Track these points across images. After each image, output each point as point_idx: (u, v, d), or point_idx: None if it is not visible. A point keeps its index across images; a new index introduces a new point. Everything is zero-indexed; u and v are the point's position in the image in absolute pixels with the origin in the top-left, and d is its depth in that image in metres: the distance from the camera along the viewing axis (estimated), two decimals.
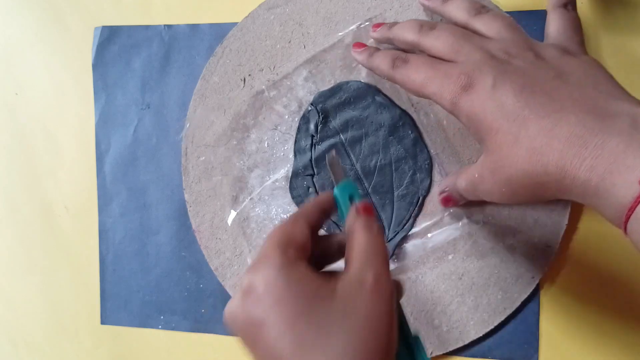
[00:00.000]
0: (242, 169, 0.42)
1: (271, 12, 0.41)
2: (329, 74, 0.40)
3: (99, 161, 0.46)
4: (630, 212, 0.24)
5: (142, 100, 0.45)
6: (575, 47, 0.32)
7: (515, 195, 0.30)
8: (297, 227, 0.28)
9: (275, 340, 0.25)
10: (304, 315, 0.25)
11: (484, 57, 0.30)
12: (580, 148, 0.25)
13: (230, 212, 0.42)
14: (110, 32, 0.46)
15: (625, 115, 0.26)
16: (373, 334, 0.25)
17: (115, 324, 0.46)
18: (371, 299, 0.26)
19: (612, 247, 0.37)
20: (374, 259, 0.27)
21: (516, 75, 0.29)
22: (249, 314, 0.26)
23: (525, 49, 0.30)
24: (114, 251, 0.46)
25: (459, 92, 0.29)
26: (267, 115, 0.41)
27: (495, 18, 0.32)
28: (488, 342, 0.39)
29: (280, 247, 0.27)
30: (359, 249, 0.27)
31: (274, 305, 0.25)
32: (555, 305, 0.38)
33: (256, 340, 0.26)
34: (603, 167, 0.25)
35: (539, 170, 0.27)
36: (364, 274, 0.26)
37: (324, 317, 0.25)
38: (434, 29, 0.32)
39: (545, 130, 0.27)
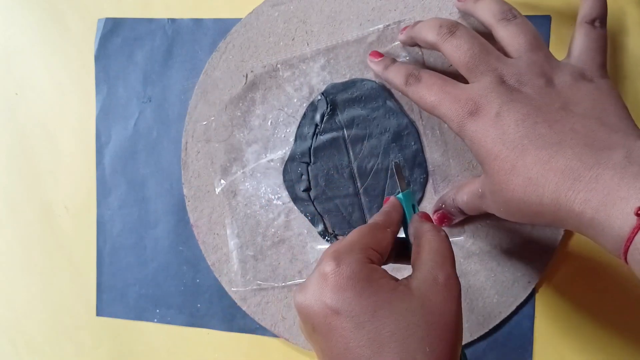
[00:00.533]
0: (241, 141, 0.42)
1: (275, 9, 0.41)
2: (345, 67, 0.40)
3: (98, 153, 0.46)
4: (629, 243, 0.24)
5: (144, 94, 0.45)
6: (594, 70, 0.32)
7: (513, 217, 0.30)
8: (386, 236, 0.30)
9: (352, 332, 0.26)
10: (384, 308, 0.26)
11: (493, 82, 0.30)
12: (575, 181, 0.26)
13: (220, 181, 0.42)
14: (114, 24, 0.46)
15: (621, 147, 0.26)
16: (446, 330, 0.26)
17: (111, 316, 0.46)
18: (444, 297, 0.27)
19: (608, 254, 0.37)
20: (444, 259, 0.29)
21: (521, 104, 0.29)
22: (326, 302, 0.27)
23: (538, 75, 0.30)
24: (111, 243, 0.46)
25: (466, 117, 0.30)
26: (276, 94, 0.41)
27: (519, 30, 0.32)
28: (483, 345, 0.39)
29: (366, 247, 0.28)
30: (430, 250, 0.29)
31: (356, 297, 0.26)
32: (551, 310, 0.39)
33: (331, 329, 0.26)
34: (597, 200, 0.25)
35: (534, 200, 0.27)
36: (436, 274, 0.28)
37: (403, 312, 0.26)
38: (454, 35, 0.32)
39: (542, 161, 0.27)
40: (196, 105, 0.43)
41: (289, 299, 0.41)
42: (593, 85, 0.30)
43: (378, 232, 0.30)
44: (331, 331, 0.26)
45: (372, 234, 0.30)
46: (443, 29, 0.33)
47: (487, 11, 0.34)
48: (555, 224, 0.28)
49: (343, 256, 0.28)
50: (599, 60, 0.32)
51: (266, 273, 0.41)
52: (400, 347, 0.25)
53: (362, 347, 0.26)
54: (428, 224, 0.31)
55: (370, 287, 0.27)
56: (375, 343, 0.26)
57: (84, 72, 0.46)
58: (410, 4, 0.39)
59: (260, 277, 0.42)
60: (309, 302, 0.27)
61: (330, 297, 0.27)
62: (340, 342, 0.26)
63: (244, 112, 0.42)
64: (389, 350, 0.25)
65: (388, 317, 0.26)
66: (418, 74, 0.33)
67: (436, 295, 0.27)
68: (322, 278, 0.27)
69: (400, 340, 0.26)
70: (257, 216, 0.42)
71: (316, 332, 0.27)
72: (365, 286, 0.27)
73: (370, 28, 0.40)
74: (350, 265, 0.27)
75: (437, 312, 0.27)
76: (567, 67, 0.31)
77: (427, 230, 0.30)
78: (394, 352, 0.25)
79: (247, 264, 0.42)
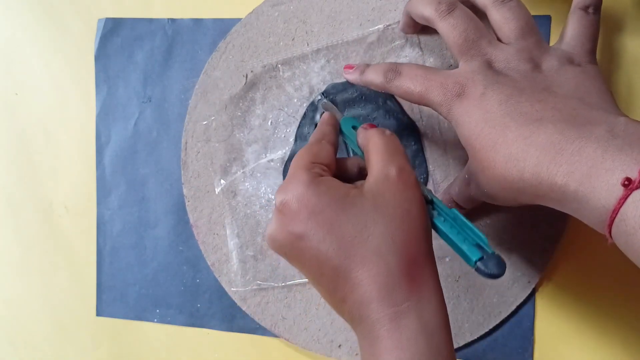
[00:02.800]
0: (241, 141, 0.42)
1: (275, 9, 0.41)
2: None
3: (98, 153, 0.46)
4: (615, 215, 0.24)
5: (144, 94, 0.45)
6: (583, 55, 0.32)
7: (496, 198, 0.31)
8: (322, 147, 0.31)
9: (318, 248, 0.27)
10: (339, 217, 0.27)
11: (481, 66, 0.31)
12: (557, 154, 0.26)
13: (220, 181, 0.42)
14: (114, 24, 0.46)
15: (604, 123, 0.26)
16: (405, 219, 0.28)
17: (111, 316, 0.46)
18: (398, 188, 0.28)
19: (609, 253, 0.37)
20: (394, 154, 0.30)
21: (506, 86, 0.29)
22: (288, 230, 0.28)
23: (526, 61, 0.31)
24: (111, 243, 0.46)
25: (454, 99, 0.30)
26: (276, 94, 0.41)
27: (512, 15, 0.32)
28: (483, 345, 0.39)
29: (306, 166, 0.30)
30: (378, 150, 0.30)
31: (309, 216, 0.28)
32: (551, 310, 0.39)
33: (300, 253, 0.28)
34: (581, 172, 0.25)
35: (515, 176, 0.27)
36: (387, 169, 0.29)
37: (358, 214, 0.27)
38: (452, 13, 0.32)
39: (522, 137, 0.27)
40: (196, 105, 0.43)
41: (289, 299, 0.41)
42: (579, 69, 0.31)
43: (313, 147, 0.31)
44: (302, 254, 0.28)
45: (307, 151, 0.31)
46: (442, 6, 0.33)
47: None
48: (538, 200, 0.28)
49: (288, 185, 0.29)
50: (589, 46, 0.32)
51: (266, 273, 0.41)
52: (364, 247, 0.27)
53: (331, 259, 0.27)
54: (372, 130, 0.32)
55: (322, 200, 0.28)
56: (342, 251, 0.27)
57: (84, 72, 0.46)
58: None
59: (260, 277, 0.42)
60: (275, 235, 0.29)
61: (289, 224, 0.28)
62: (312, 261, 0.28)
63: (244, 112, 0.42)
64: (354, 252, 0.27)
65: (346, 224, 0.27)
66: (397, 68, 0.34)
67: (389, 189, 0.28)
68: (277, 212, 0.29)
69: (362, 241, 0.27)
70: (257, 216, 0.42)
71: (292, 260, 0.29)
72: (316, 202, 0.28)
73: (370, 28, 0.40)
74: (297, 189, 0.28)
75: (392, 205, 0.28)
76: (556, 52, 0.32)
77: (372, 134, 0.31)
78: (360, 253, 0.27)
79: (247, 264, 0.42)
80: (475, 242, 0.28)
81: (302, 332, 0.41)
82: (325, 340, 0.41)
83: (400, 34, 0.39)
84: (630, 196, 0.23)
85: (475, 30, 0.32)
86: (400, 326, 0.26)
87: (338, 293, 0.28)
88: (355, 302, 0.27)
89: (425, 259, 0.28)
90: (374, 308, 0.26)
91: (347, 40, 0.40)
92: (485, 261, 0.28)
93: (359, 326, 0.27)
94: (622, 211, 0.23)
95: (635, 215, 0.23)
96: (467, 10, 0.33)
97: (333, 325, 0.40)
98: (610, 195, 0.24)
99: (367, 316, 0.27)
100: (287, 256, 0.29)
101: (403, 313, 0.26)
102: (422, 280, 0.27)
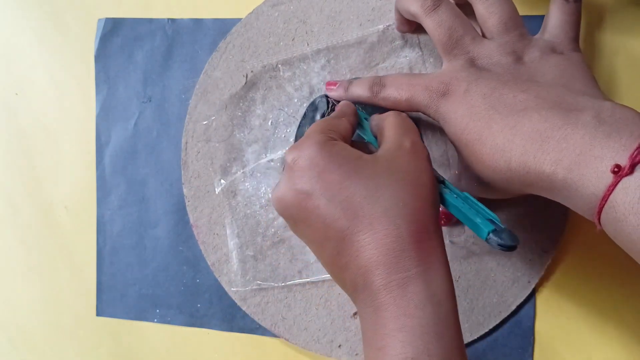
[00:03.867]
0: (241, 141, 0.42)
1: (275, 9, 0.41)
2: (345, 67, 0.40)
3: (98, 153, 0.46)
4: (604, 202, 0.24)
5: (144, 94, 0.45)
6: (566, 44, 0.32)
7: (486, 190, 0.31)
8: (341, 122, 0.32)
9: (326, 207, 0.27)
10: (350, 177, 0.27)
11: (464, 65, 0.31)
12: (543, 142, 0.26)
13: (220, 181, 0.42)
14: (114, 24, 0.46)
15: (590, 109, 0.26)
16: (416, 185, 0.27)
17: (111, 316, 0.46)
18: (410, 158, 0.28)
19: (609, 253, 0.37)
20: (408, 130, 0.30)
21: (489, 80, 0.30)
22: (297, 189, 0.28)
23: (508, 54, 0.31)
24: (111, 244, 0.46)
25: (439, 99, 0.31)
26: (276, 94, 0.41)
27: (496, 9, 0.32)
28: (483, 345, 0.39)
29: (322, 130, 0.29)
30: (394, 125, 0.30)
31: (320, 174, 0.27)
32: (551, 310, 0.39)
33: (307, 214, 0.27)
34: (569, 160, 0.25)
35: (502, 167, 0.28)
36: (401, 140, 0.29)
37: (370, 176, 0.27)
38: (437, 10, 0.32)
39: (507, 128, 0.27)
40: (196, 105, 0.43)
41: (289, 299, 0.41)
42: (562, 57, 0.31)
43: (333, 119, 0.32)
44: (308, 215, 0.27)
45: (328, 121, 0.31)
46: (427, 2, 0.33)
47: None
48: (528, 189, 0.28)
49: (301, 143, 0.29)
50: (572, 34, 0.33)
51: (266, 273, 0.41)
52: (373, 209, 0.26)
53: (338, 220, 0.26)
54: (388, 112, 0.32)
55: (334, 161, 0.27)
56: (350, 211, 0.26)
57: (84, 72, 0.46)
58: None
59: (260, 277, 0.42)
60: (282, 194, 0.28)
61: (298, 182, 0.28)
62: (318, 221, 0.27)
63: (244, 112, 0.42)
64: (363, 214, 0.26)
65: (357, 185, 0.27)
66: (380, 80, 0.34)
67: (402, 157, 0.28)
68: (288, 169, 0.28)
69: (372, 202, 0.26)
70: (257, 216, 0.42)
71: (297, 223, 0.28)
72: (328, 162, 0.27)
73: (370, 28, 0.40)
74: (310, 148, 0.28)
75: (404, 171, 0.28)
76: (538, 43, 0.32)
77: (388, 114, 0.32)
78: (368, 214, 0.26)
79: (247, 264, 0.42)
80: (487, 217, 0.29)
81: (302, 332, 0.41)
82: (325, 340, 0.41)
83: (400, 33, 0.39)
84: (619, 183, 0.23)
85: (460, 27, 0.32)
86: (408, 292, 0.25)
87: (342, 258, 0.27)
88: (359, 267, 0.26)
89: (435, 227, 0.27)
90: (380, 273, 0.26)
91: (347, 40, 0.40)
92: (499, 233, 0.28)
93: (362, 294, 0.27)
94: (612, 198, 0.23)
95: (624, 202, 0.23)
96: (453, 6, 0.33)
97: (333, 325, 0.40)
98: (599, 182, 0.24)
99: (372, 282, 0.26)
100: (293, 218, 0.29)
101: (411, 279, 0.25)
102: (430, 248, 0.27)
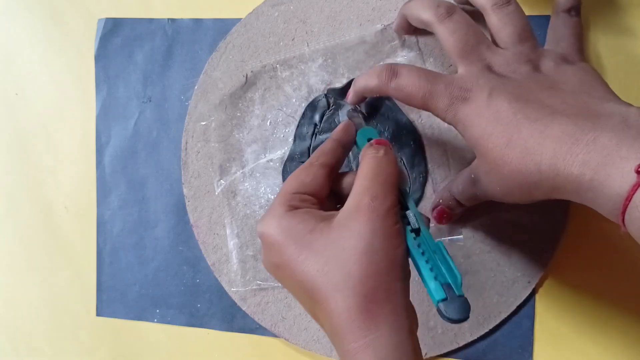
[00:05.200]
0: (240, 141, 0.42)
1: (275, 9, 0.41)
2: (344, 66, 0.40)
3: (98, 153, 0.46)
4: (628, 202, 0.24)
5: (144, 94, 0.45)
6: (574, 54, 0.33)
7: (510, 195, 0.30)
8: (310, 173, 0.32)
9: (290, 278, 0.29)
10: (304, 250, 0.28)
11: (482, 70, 0.31)
12: (573, 145, 0.26)
13: (220, 181, 0.42)
14: (114, 24, 0.46)
15: (617, 114, 0.26)
16: (366, 253, 0.28)
17: (111, 316, 0.46)
18: (365, 219, 0.28)
19: (609, 253, 0.37)
20: (373, 180, 0.29)
21: (512, 86, 0.30)
22: (269, 260, 0.31)
23: (524, 62, 0.31)
24: (111, 244, 0.46)
25: (458, 104, 0.30)
26: (275, 94, 0.41)
27: (509, 20, 0.33)
28: (483, 345, 0.39)
29: (286, 197, 0.31)
30: (362, 174, 0.30)
31: (280, 249, 0.29)
32: (551, 310, 0.39)
33: (282, 280, 0.31)
34: (596, 161, 0.25)
35: (532, 169, 0.27)
36: (360, 197, 0.29)
37: (320, 248, 0.28)
38: (451, 18, 0.32)
39: (538, 131, 0.27)
40: (196, 105, 0.43)
41: (289, 299, 0.41)
42: (576, 66, 0.32)
43: (302, 172, 0.32)
44: (283, 282, 0.31)
45: (294, 179, 0.31)
46: (440, 10, 0.33)
47: None
48: (553, 194, 0.28)
49: (264, 218, 0.30)
50: (578, 45, 0.34)
51: (266, 273, 0.41)
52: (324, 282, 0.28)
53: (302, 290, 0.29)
54: (368, 148, 0.31)
55: (290, 236, 0.29)
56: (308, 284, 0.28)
57: (84, 72, 0.46)
58: None
59: (260, 277, 0.42)
60: (263, 263, 0.32)
61: (267, 255, 0.30)
62: (292, 288, 0.30)
63: (244, 112, 0.42)
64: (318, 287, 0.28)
65: (309, 258, 0.28)
66: (392, 67, 0.33)
67: (356, 220, 0.28)
68: (261, 241, 0.31)
69: (323, 276, 0.28)
70: (256, 216, 0.42)
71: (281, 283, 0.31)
72: (284, 237, 0.29)
73: (370, 28, 0.40)
74: (270, 223, 0.30)
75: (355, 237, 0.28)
76: (550, 53, 0.32)
77: (365, 154, 0.31)
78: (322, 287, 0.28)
79: (247, 264, 0.42)
80: (446, 281, 0.28)
81: (302, 332, 0.41)
82: (325, 340, 0.41)
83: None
84: None
85: (475, 35, 0.32)
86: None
87: (318, 318, 0.29)
88: (328, 330, 0.29)
89: (387, 293, 0.27)
90: (338, 341, 0.28)
91: (346, 40, 0.40)
92: (448, 304, 0.27)
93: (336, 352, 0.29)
94: (635, 197, 0.24)
95: None
96: (466, 15, 0.33)
97: None
98: (624, 182, 0.24)
99: (338, 346, 0.28)
100: (276, 278, 0.32)
101: (360, 349, 0.27)
102: (380, 316, 0.27)
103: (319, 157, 0.33)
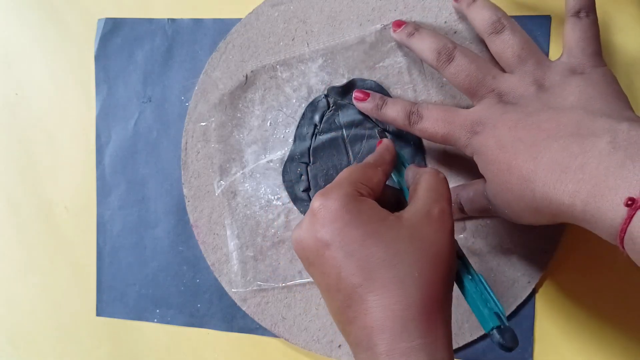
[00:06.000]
0: (240, 142, 0.42)
1: (275, 9, 0.41)
2: (344, 67, 0.40)
3: (98, 153, 0.46)
4: (623, 234, 0.24)
5: (144, 94, 0.45)
6: (586, 61, 0.32)
7: (520, 218, 0.31)
8: (377, 173, 0.31)
9: (343, 260, 0.27)
10: (373, 237, 0.27)
11: (492, 101, 0.32)
12: (562, 173, 0.26)
13: (220, 182, 0.42)
14: (114, 24, 0.46)
15: (606, 132, 0.26)
16: (435, 258, 0.27)
17: (111, 316, 0.46)
18: (436, 228, 0.28)
19: (609, 254, 0.37)
20: (441, 196, 0.30)
21: (514, 113, 0.31)
22: (317, 236, 0.28)
23: (530, 84, 0.32)
24: (111, 244, 0.46)
25: (472, 138, 0.32)
26: (275, 94, 0.41)
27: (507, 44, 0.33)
28: (483, 345, 0.39)
29: (355, 183, 0.29)
30: (427, 187, 0.30)
31: (343, 228, 0.27)
32: (551, 310, 0.39)
33: (323, 262, 0.28)
34: (586, 192, 0.25)
35: (529, 197, 0.28)
36: (430, 207, 0.29)
37: (391, 240, 0.27)
38: (453, 61, 0.34)
39: (531, 158, 0.28)
40: (196, 105, 0.43)
41: (289, 299, 0.41)
42: (583, 76, 0.31)
43: (368, 169, 0.31)
44: (324, 262, 0.28)
45: (362, 171, 0.31)
46: (442, 56, 0.34)
47: (478, 20, 0.35)
48: (555, 219, 0.28)
49: (330, 192, 0.28)
50: (590, 50, 0.32)
51: (266, 274, 0.41)
52: (389, 273, 0.26)
53: (352, 275, 0.27)
54: (426, 168, 0.32)
55: (359, 218, 0.27)
56: (365, 270, 0.26)
57: (84, 72, 0.46)
58: (410, 4, 0.39)
59: (261, 277, 0.42)
60: (302, 237, 0.28)
61: (320, 231, 0.28)
62: (332, 271, 0.27)
63: (244, 113, 0.42)
64: (378, 276, 0.26)
65: (377, 245, 0.27)
66: (418, 110, 0.35)
67: (427, 226, 0.28)
68: (312, 214, 0.28)
69: (389, 267, 0.26)
70: (256, 217, 0.42)
71: (312, 265, 0.29)
72: (353, 217, 0.27)
73: (370, 28, 0.40)
74: (338, 199, 0.28)
75: (427, 241, 0.27)
76: (557, 67, 0.32)
77: (425, 171, 0.31)
78: (383, 277, 0.26)
79: (247, 265, 0.42)
80: (494, 309, 0.28)
81: (302, 332, 0.41)
82: (325, 340, 0.41)
83: None
84: (635, 215, 0.23)
85: (478, 69, 0.33)
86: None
87: (350, 312, 0.27)
88: (365, 326, 0.26)
89: (444, 303, 0.27)
90: (384, 338, 0.26)
91: (346, 40, 0.40)
92: (503, 331, 0.27)
93: (363, 353, 0.27)
94: (629, 230, 0.24)
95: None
96: (467, 52, 0.34)
97: (333, 326, 0.40)
98: (616, 215, 0.24)
99: (375, 344, 0.26)
100: (309, 261, 0.29)
101: (414, 350, 0.25)
102: (438, 321, 0.26)
103: (381, 164, 0.32)
